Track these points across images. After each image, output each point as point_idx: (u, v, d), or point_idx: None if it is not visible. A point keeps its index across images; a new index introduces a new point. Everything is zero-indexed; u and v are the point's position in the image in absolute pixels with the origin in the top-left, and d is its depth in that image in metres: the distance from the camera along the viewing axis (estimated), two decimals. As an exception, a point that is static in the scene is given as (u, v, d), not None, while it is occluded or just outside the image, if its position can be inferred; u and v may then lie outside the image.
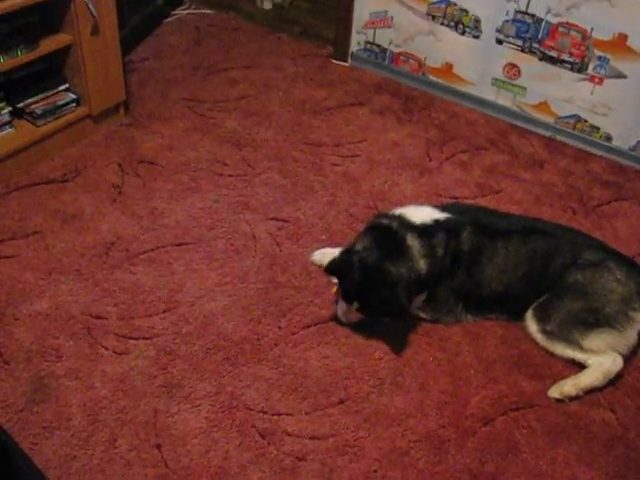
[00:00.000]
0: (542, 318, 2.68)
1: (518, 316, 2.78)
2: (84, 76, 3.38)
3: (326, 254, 2.89)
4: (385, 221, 2.74)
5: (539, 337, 2.69)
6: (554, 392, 2.56)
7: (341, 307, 2.69)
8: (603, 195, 3.55)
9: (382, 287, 2.56)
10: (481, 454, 2.37)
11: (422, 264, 2.63)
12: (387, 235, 2.68)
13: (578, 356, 2.62)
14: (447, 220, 2.75)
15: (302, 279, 2.90)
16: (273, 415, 2.41)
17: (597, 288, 2.65)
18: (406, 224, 2.71)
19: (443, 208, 2.84)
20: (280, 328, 2.70)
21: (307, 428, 2.38)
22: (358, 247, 2.65)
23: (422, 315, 2.78)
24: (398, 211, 2.80)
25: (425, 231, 2.69)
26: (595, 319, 2.60)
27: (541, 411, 2.52)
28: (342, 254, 2.66)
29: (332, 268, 2.67)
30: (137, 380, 2.48)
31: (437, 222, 2.73)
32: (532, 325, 2.71)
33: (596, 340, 2.59)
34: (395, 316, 2.66)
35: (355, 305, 2.62)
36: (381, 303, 2.57)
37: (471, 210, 2.95)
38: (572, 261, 2.70)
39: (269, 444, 2.33)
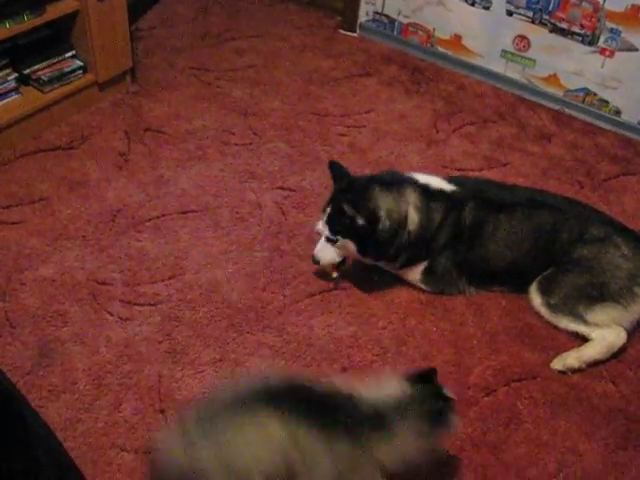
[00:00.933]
0: (546, 292, 2.68)
1: (523, 289, 2.78)
2: (91, 43, 3.37)
3: None
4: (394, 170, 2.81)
5: (543, 310, 2.69)
6: (557, 364, 2.57)
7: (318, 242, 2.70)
8: (611, 169, 3.53)
9: (358, 201, 2.55)
10: (483, 424, 2.38)
11: (413, 216, 2.63)
12: (391, 175, 2.74)
13: (582, 329, 2.62)
14: (451, 192, 2.74)
15: (307, 248, 2.89)
16: (276, 382, 2.43)
17: (603, 263, 2.64)
18: (412, 180, 2.73)
19: (449, 180, 2.84)
20: (284, 296, 2.71)
21: (310, 395, 2.40)
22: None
23: (424, 287, 2.79)
24: (409, 172, 2.82)
25: (426, 191, 2.69)
26: (600, 294, 2.60)
27: (543, 382, 2.53)
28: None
29: (336, 165, 2.69)
30: (142, 346, 2.50)
31: (441, 191, 2.73)
32: (536, 298, 2.71)
33: (600, 314, 2.59)
34: (362, 250, 2.61)
35: (327, 212, 2.60)
36: (345, 216, 2.54)
37: (476, 183, 2.93)
38: (578, 236, 2.69)
39: (272, 410, 2.34)
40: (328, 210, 2.61)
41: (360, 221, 2.53)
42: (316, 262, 2.71)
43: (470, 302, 2.78)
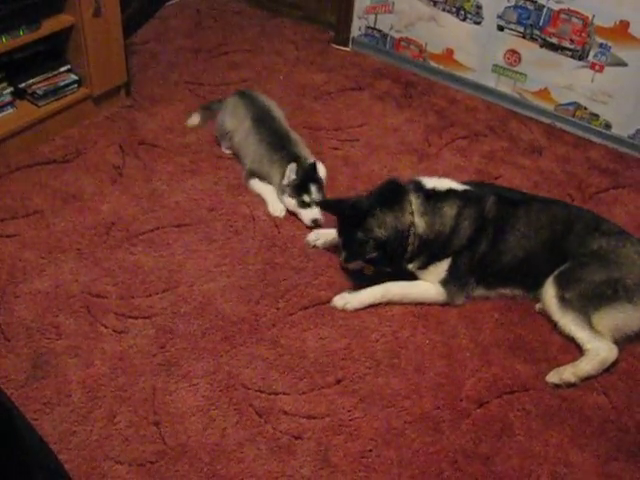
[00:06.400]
0: (563, 285, 2.68)
1: (533, 288, 2.80)
2: (86, 57, 3.40)
3: (321, 234, 2.95)
4: (399, 180, 2.84)
5: (554, 302, 2.68)
6: (553, 377, 2.58)
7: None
8: (601, 182, 3.56)
9: (360, 227, 2.65)
10: (475, 435, 2.39)
11: (419, 222, 2.70)
12: (391, 188, 2.78)
13: (580, 335, 2.62)
14: (465, 190, 2.80)
15: (300, 261, 2.92)
16: (270, 394, 2.43)
17: (620, 257, 2.68)
18: (417, 185, 2.80)
19: (463, 183, 2.89)
20: (278, 309, 2.72)
21: (303, 407, 2.41)
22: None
23: (439, 291, 2.78)
24: (418, 177, 2.88)
25: (432, 193, 2.76)
26: (614, 290, 2.62)
27: (535, 394, 2.54)
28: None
29: (327, 203, 2.86)
30: (136, 358, 2.50)
31: (451, 190, 2.79)
32: (551, 290, 2.70)
33: (607, 318, 2.62)
34: (379, 266, 2.76)
35: (341, 241, 2.73)
36: (357, 243, 2.66)
37: (490, 185, 3.06)
38: (595, 227, 2.76)
39: (266, 422, 2.35)
40: (341, 240, 2.73)
41: (374, 253, 2.66)
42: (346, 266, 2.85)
43: (463, 315, 2.79)
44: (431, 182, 2.82)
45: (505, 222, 2.77)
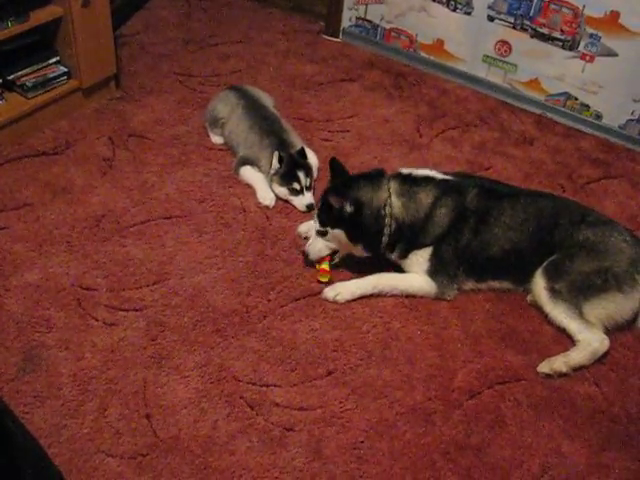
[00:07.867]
0: (552, 276, 2.69)
1: (523, 281, 2.80)
2: (75, 49, 3.38)
3: (312, 226, 2.94)
4: (384, 170, 2.87)
5: (544, 294, 2.69)
6: (544, 367, 2.58)
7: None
8: (592, 173, 3.57)
9: (342, 193, 2.69)
10: (467, 426, 2.39)
11: (395, 202, 2.73)
12: (374, 171, 2.84)
13: (571, 326, 2.63)
14: (444, 180, 2.82)
15: (291, 252, 2.91)
16: (261, 386, 2.43)
17: (608, 246, 2.70)
18: (397, 173, 2.83)
19: (445, 173, 2.90)
20: (269, 301, 2.72)
21: (295, 399, 2.41)
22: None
23: (428, 281, 2.77)
24: (399, 170, 2.90)
25: (408, 179, 2.80)
26: (604, 280, 2.63)
27: (527, 385, 2.55)
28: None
29: (336, 164, 2.83)
30: (127, 351, 2.50)
31: (427, 177, 2.81)
32: (540, 282, 2.71)
33: (598, 308, 2.63)
34: (352, 237, 2.74)
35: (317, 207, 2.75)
36: (337, 204, 2.67)
37: (476, 177, 3.05)
38: (581, 219, 2.76)
39: (257, 414, 2.35)
40: (320, 204, 2.75)
41: (348, 209, 2.66)
42: (306, 256, 2.81)
43: (454, 306, 2.79)
44: (409, 169, 2.86)
45: (489, 214, 2.77)
